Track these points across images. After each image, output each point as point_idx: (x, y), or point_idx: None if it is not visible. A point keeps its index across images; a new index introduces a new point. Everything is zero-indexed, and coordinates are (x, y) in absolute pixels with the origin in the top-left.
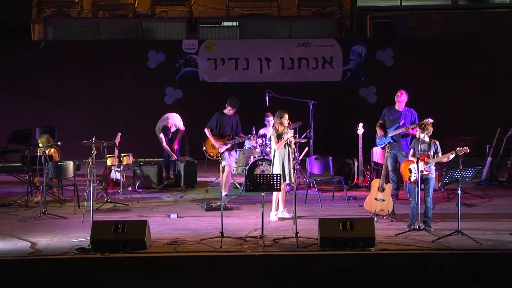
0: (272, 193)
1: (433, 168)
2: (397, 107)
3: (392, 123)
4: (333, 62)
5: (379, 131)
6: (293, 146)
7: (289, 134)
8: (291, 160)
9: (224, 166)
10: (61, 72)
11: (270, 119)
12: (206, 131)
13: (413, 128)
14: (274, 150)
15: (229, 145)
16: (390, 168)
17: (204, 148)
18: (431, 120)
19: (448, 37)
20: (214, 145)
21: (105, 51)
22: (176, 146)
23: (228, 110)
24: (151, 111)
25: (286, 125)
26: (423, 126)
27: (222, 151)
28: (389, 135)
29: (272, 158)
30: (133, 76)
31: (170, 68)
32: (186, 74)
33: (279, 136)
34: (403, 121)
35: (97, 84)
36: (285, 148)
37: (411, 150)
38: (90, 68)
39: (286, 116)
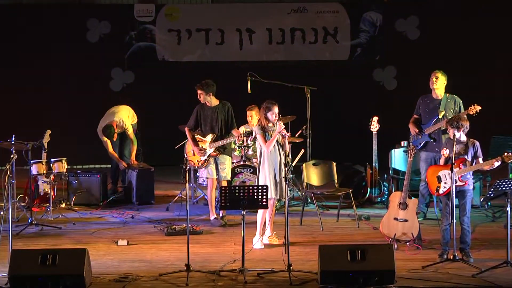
0: (256, 212)
1: (470, 177)
2: (434, 95)
3: (429, 116)
4: (338, 35)
5: (412, 129)
6: (287, 147)
7: (278, 127)
8: (283, 166)
9: (209, 179)
10: None
11: (254, 114)
12: (186, 131)
13: None
14: (262, 154)
15: (211, 150)
16: (423, 177)
17: (186, 153)
18: (478, 108)
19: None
20: (194, 150)
21: (28, 19)
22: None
23: (203, 100)
24: (92, 102)
25: (275, 121)
26: (457, 121)
27: (204, 158)
28: (425, 133)
29: (259, 164)
30: (66, 54)
31: (117, 43)
32: (140, 50)
33: (265, 134)
34: (443, 113)
35: (16, 66)
36: (275, 149)
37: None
38: (5, 42)
39: (276, 109)
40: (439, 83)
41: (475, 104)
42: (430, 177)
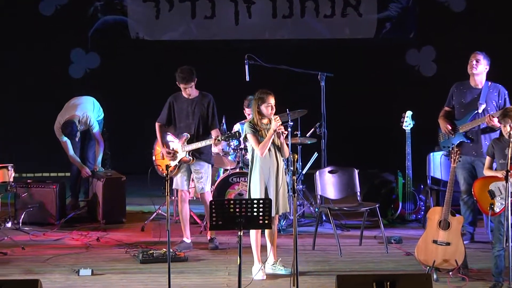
0: (252, 233)
1: None
2: (472, 82)
3: (465, 109)
4: (361, 6)
5: (443, 125)
6: (286, 150)
7: (273, 124)
8: (282, 173)
9: (177, 191)
10: None
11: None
12: (156, 126)
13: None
14: (253, 158)
15: (183, 154)
16: (462, 188)
17: (154, 155)
18: None
19: None
20: (163, 153)
21: None
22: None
23: (183, 90)
24: (46, 92)
25: (271, 116)
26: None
27: (173, 164)
28: (460, 131)
29: (249, 171)
30: (12, 31)
31: (78, 17)
32: (107, 26)
33: (259, 134)
34: (483, 106)
35: None
36: (271, 153)
37: (487, 159)
38: None
39: (271, 100)
40: (480, 68)
41: None
42: (479, 193)
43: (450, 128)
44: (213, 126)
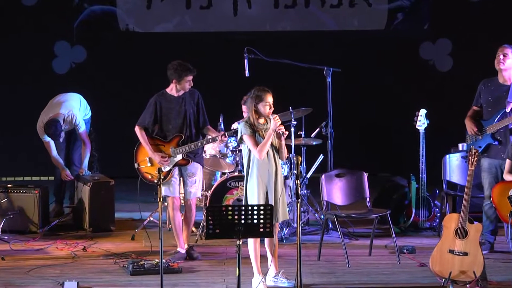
0: (250, 242)
1: None
2: (500, 79)
3: (493, 109)
4: None
5: (469, 126)
6: (285, 152)
7: (273, 123)
8: (280, 178)
9: (167, 198)
10: None
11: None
12: (137, 130)
13: None
14: (250, 162)
15: (179, 157)
16: (486, 193)
17: (137, 164)
18: None
19: None
20: (152, 158)
21: None
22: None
23: (173, 87)
24: (28, 88)
25: (269, 115)
26: None
27: (167, 169)
28: (487, 132)
29: (246, 177)
30: None
31: (62, 7)
32: (94, 17)
33: (257, 135)
34: None
35: None
36: (269, 156)
37: (507, 162)
38: None
39: (269, 98)
40: (508, 63)
41: None
42: (498, 198)
43: (475, 129)
44: (205, 123)
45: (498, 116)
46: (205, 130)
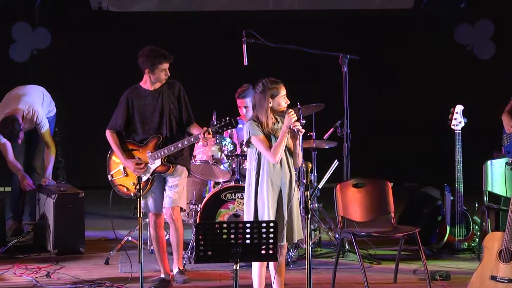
0: (255, 267)
1: None
2: None
3: None
4: None
5: (507, 123)
6: (301, 155)
7: (287, 119)
8: (295, 188)
9: (148, 214)
10: None
11: (249, 101)
12: (108, 135)
13: None
14: (260, 168)
15: (158, 163)
16: None
17: (110, 176)
18: None
19: None
20: (125, 166)
21: None
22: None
23: (146, 79)
24: None
25: (284, 111)
26: None
27: (145, 177)
28: None
29: (248, 185)
30: None
31: None
32: None
33: (268, 136)
34: None
35: None
36: (282, 161)
37: None
38: None
39: (283, 91)
40: None
41: None
42: None
43: None
44: (190, 121)
45: None
46: (191, 129)
